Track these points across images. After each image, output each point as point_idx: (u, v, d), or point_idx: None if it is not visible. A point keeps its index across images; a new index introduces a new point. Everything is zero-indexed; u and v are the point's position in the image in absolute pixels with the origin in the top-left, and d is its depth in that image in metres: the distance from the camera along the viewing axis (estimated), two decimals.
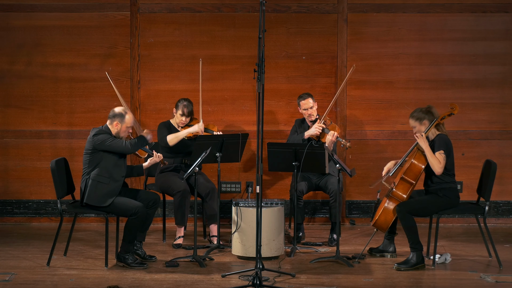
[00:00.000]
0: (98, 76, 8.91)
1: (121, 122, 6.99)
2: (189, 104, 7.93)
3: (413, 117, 7.13)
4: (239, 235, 7.28)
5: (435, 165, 6.97)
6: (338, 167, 7.12)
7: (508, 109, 8.91)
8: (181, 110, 7.91)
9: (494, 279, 6.62)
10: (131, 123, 7.04)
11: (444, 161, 6.98)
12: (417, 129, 7.12)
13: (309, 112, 8.06)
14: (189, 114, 7.94)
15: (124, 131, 7.03)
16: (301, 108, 8.11)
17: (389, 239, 7.40)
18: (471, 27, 8.86)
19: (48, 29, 8.89)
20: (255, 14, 8.83)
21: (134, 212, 6.89)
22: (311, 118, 8.09)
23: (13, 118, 8.94)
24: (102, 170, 6.93)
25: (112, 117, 7.01)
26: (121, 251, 6.96)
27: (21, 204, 8.98)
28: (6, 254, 7.47)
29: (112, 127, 7.01)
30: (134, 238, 7.01)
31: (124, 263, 6.94)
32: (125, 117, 6.99)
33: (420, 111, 7.12)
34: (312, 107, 8.07)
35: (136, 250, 7.15)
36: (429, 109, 7.12)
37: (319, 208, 8.98)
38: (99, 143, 6.90)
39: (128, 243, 6.95)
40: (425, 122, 7.09)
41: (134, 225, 6.92)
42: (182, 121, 7.95)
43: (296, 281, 6.57)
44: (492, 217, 8.90)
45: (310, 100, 8.07)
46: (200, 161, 7.10)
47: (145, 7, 8.87)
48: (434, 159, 6.97)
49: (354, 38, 8.88)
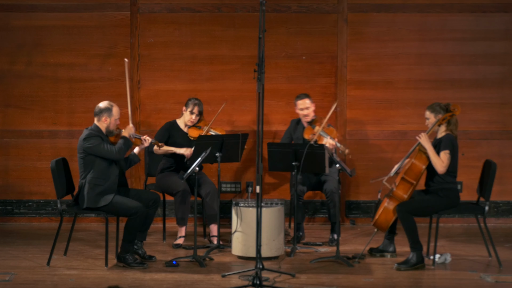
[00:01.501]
0: (98, 76, 8.91)
1: (109, 116, 7.04)
2: (200, 103, 7.94)
3: (430, 108, 7.13)
4: (239, 235, 7.27)
5: (438, 165, 6.97)
6: (338, 167, 7.12)
7: (508, 109, 8.92)
8: (192, 108, 7.90)
9: (494, 279, 6.62)
10: (118, 115, 7.10)
11: (448, 161, 6.98)
12: (430, 121, 7.14)
13: (305, 113, 8.05)
14: (199, 114, 7.94)
15: (113, 124, 7.08)
16: (297, 108, 8.10)
17: (389, 239, 7.40)
18: (471, 27, 8.86)
19: (48, 29, 8.89)
20: (255, 14, 8.83)
21: (134, 212, 6.89)
22: (307, 119, 8.08)
23: (13, 118, 8.94)
24: (97, 172, 6.95)
25: (99, 113, 7.05)
26: (121, 251, 6.96)
27: (21, 204, 8.98)
28: (6, 254, 7.47)
29: (101, 123, 7.04)
30: (134, 238, 7.01)
31: (124, 263, 6.94)
32: (112, 110, 7.05)
33: (438, 105, 7.14)
34: (308, 107, 8.05)
35: (137, 250, 7.15)
36: (448, 106, 7.13)
37: (319, 208, 8.98)
38: (88, 148, 6.95)
39: (128, 243, 6.95)
40: (439, 117, 7.10)
41: (134, 225, 6.92)
42: (191, 119, 7.94)
43: (296, 281, 6.57)
44: (492, 217, 8.90)
45: (307, 101, 8.06)
46: (200, 161, 7.09)
47: (145, 7, 8.87)
48: (437, 159, 6.97)
49: (354, 38, 8.88)
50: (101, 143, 6.94)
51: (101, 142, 6.94)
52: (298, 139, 8.14)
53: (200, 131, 7.89)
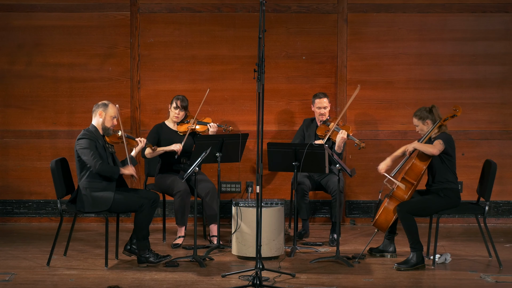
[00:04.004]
0: (98, 76, 8.91)
1: (105, 111, 7.07)
2: (184, 98, 7.96)
3: (416, 116, 7.14)
4: (239, 235, 7.28)
5: (430, 148, 6.95)
6: (338, 167, 7.12)
7: (508, 109, 8.92)
8: (175, 103, 7.94)
9: (494, 279, 6.62)
10: (115, 114, 7.10)
11: (441, 146, 6.94)
12: (420, 128, 7.14)
13: (323, 112, 8.10)
14: (183, 108, 7.94)
15: (108, 121, 7.08)
16: (315, 106, 8.13)
17: (389, 239, 7.40)
18: (471, 27, 8.86)
19: (48, 29, 8.89)
20: (255, 14, 8.83)
21: (140, 205, 6.90)
22: (323, 118, 8.11)
23: (13, 118, 8.94)
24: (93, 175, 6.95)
25: (95, 108, 7.11)
26: (140, 252, 6.94)
27: (21, 204, 8.98)
28: (6, 254, 7.47)
29: (97, 118, 7.07)
30: (147, 234, 6.99)
31: (147, 263, 6.92)
32: (108, 106, 7.09)
33: (424, 110, 7.13)
34: (326, 107, 8.11)
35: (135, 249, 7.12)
36: (433, 108, 7.13)
37: (319, 208, 8.98)
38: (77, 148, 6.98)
39: (142, 240, 6.94)
40: (428, 122, 7.10)
41: (142, 219, 6.92)
42: (176, 114, 7.95)
43: (296, 281, 6.57)
44: (492, 217, 8.90)
45: (326, 100, 8.11)
46: (200, 161, 7.09)
47: (145, 7, 8.87)
48: (428, 146, 6.97)
49: (354, 38, 8.88)
50: (89, 148, 6.92)
51: (89, 147, 6.92)
52: (310, 136, 8.16)
53: (188, 124, 7.93)
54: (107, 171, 6.96)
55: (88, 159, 6.92)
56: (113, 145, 7.21)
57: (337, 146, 7.90)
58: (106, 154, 7.06)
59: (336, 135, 7.90)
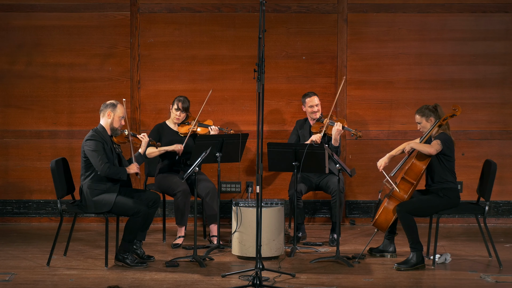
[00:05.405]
0: (98, 76, 8.91)
1: (113, 112, 7.06)
2: (185, 100, 7.96)
3: (419, 112, 7.14)
4: (239, 235, 7.28)
5: (426, 148, 6.96)
6: (338, 167, 7.12)
7: (508, 109, 8.91)
8: (176, 105, 7.93)
9: (494, 279, 6.62)
10: (123, 113, 7.10)
11: (438, 146, 6.95)
12: (422, 125, 7.14)
13: (315, 110, 8.09)
14: (184, 110, 7.94)
15: (117, 121, 7.08)
16: (306, 106, 8.13)
17: (389, 239, 7.40)
18: (471, 27, 8.86)
19: (48, 29, 8.89)
20: (255, 14, 8.83)
21: (136, 211, 6.90)
22: (315, 116, 8.11)
23: (13, 118, 8.94)
24: (98, 177, 6.95)
25: (104, 108, 7.10)
26: (120, 251, 6.96)
27: (21, 204, 8.98)
28: (6, 254, 7.47)
29: (106, 118, 7.06)
30: (134, 238, 7.01)
31: (123, 263, 6.94)
32: (116, 106, 7.09)
33: (427, 108, 7.14)
34: (317, 104, 8.11)
35: (136, 250, 7.15)
36: (436, 107, 7.13)
37: (319, 208, 8.98)
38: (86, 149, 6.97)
39: (128, 242, 6.95)
40: (431, 119, 7.10)
41: (135, 225, 6.92)
42: (177, 116, 7.95)
43: (296, 281, 6.57)
44: (492, 217, 8.90)
45: (316, 98, 8.11)
46: (200, 161, 7.09)
47: (145, 7, 8.87)
48: (425, 146, 6.97)
49: (354, 38, 8.88)
50: (97, 151, 6.92)
51: (97, 149, 6.92)
52: (304, 136, 8.15)
53: (189, 126, 7.92)
54: (115, 174, 6.97)
55: (95, 163, 6.92)
56: (119, 145, 7.21)
57: (334, 139, 7.90)
58: (113, 155, 7.06)
59: (331, 129, 7.91)
